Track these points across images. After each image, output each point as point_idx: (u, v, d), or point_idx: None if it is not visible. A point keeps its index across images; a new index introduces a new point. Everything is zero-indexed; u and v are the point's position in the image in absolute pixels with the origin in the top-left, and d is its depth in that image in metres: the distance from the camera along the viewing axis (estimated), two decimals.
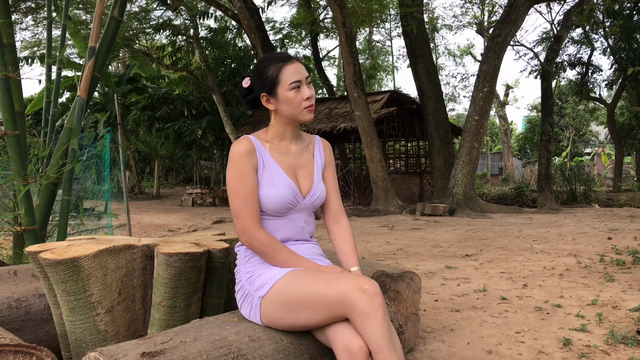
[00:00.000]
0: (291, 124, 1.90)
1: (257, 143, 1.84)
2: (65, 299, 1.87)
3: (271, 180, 1.82)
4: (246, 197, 1.76)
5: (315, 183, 1.93)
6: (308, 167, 1.95)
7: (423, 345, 2.96)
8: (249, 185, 1.77)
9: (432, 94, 13.73)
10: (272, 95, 1.83)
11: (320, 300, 1.57)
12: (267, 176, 1.82)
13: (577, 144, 31.20)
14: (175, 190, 23.19)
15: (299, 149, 1.95)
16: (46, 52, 4.09)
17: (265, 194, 1.80)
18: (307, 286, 1.62)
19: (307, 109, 1.84)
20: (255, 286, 1.75)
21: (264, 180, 1.81)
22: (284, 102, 1.82)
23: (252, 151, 1.80)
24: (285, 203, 1.83)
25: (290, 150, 1.92)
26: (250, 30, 11.91)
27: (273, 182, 1.82)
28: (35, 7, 13.54)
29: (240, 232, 1.77)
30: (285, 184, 1.83)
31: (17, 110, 3.39)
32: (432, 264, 5.39)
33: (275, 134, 1.91)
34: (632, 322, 3.23)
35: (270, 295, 1.69)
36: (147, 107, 17.47)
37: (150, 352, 1.46)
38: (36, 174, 3.40)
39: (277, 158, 1.87)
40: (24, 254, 3.34)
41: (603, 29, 16.69)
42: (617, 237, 6.48)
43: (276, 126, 1.90)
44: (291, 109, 1.83)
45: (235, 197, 1.76)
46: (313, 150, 2.01)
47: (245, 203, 1.76)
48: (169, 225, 10.57)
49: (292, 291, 1.64)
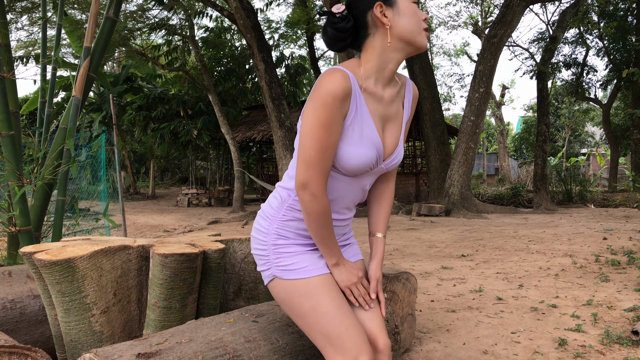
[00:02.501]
0: (402, 52, 1.50)
1: (354, 83, 1.44)
2: (60, 300, 1.86)
3: (360, 137, 1.48)
4: (326, 149, 1.41)
5: (400, 144, 1.59)
6: (396, 121, 1.59)
7: (419, 345, 2.96)
8: (334, 135, 1.42)
9: (428, 94, 13.76)
10: (390, 4, 1.46)
11: (324, 335, 1.45)
12: (357, 130, 1.47)
13: (572, 144, 31.32)
14: (170, 191, 23.14)
15: (392, 95, 1.56)
16: (41, 52, 4.08)
17: (348, 153, 1.47)
18: (322, 316, 1.45)
19: (425, 32, 1.51)
20: (279, 261, 1.52)
21: (350, 134, 1.46)
22: (405, 13, 1.47)
23: (348, 95, 1.42)
24: (366, 167, 1.50)
25: (384, 96, 1.53)
26: (246, 30, 11.89)
27: (362, 139, 1.48)
28: (30, 7, 13.49)
29: (302, 185, 1.43)
30: (373, 144, 1.49)
31: (12, 110, 3.37)
32: (428, 264, 5.40)
33: (373, 69, 1.50)
34: (627, 322, 3.24)
35: (286, 284, 1.50)
36: (143, 107, 17.45)
37: (146, 353, 1.45)
38: (31, 175, 3.39)
39: (370, 106, 1.50)
40: (18, 255, 3.33)
41: (598, 30, 16.75)
42: (612, 238, 6.50)
43: (379, 57, 1.49)
44: (412, 24, 1.47)
45: (314, 145, 1.40)
46: (403, 98, 1.63)
47: (322, 156, 1.41)
48: (164, 225, 10.54)
49: (305, 305, 1.47)
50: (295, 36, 20.20)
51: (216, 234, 2.53)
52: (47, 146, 3.60)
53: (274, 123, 12.24)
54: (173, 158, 25.29)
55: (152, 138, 17.35)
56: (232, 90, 18.03)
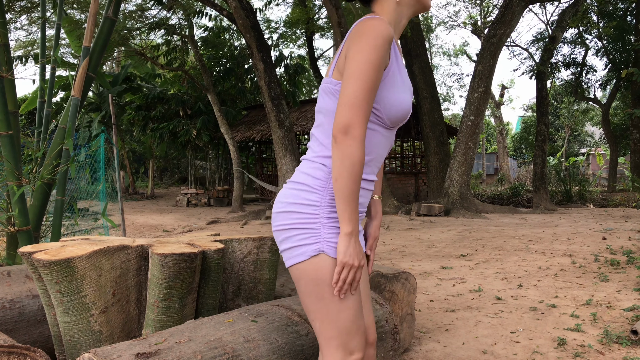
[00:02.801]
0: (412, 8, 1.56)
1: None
2: (59, 299, 1.86)
3: (403, 83, 1.47)
4: (373, 90, 1.36)
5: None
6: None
7: (418, 345, 2.96)
8: (379, 78, 1.38)
9: (427, 94, 13.76)
10: None
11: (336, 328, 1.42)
12: (399, 77, 1.46)
13: (572, 144, 31.34)
14: (170, 191, 23.13)
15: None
16: (40, 52, 4.07)
17: (399, 100, 1.44)
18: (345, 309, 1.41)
19: None
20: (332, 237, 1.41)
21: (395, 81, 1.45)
22: None
23: (391, 40, 1.40)
24: (409, 113, 1.49)
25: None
26: (246, 30, 11.89)
27: (404, 85, 1.47)
28: (29, 7, 13.48)
29: (344, 127, 1.34)
30: (410, 90, 1.49)
31: (11, 110, 3.37)
32: (428, 264, 5.40)
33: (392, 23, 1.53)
34: (627, 322, 3.24)
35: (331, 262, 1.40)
36: (142, 107, 17.43)
37: (145, 353, 1.45)
38: (30, 174, 3.39)
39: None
40: (17, 255, 3.32)
41: (597, 30, 16.77)
42: (611, 237, 6.50)
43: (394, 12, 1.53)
44: None
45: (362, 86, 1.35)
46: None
47: (369, 97, 1.36)
48: (163, 225, 10.54)
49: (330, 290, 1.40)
50: (295, 36, 20.21)
51: (215, 234, 2.53)
52: (46, 146, 3.60)
53: (273, 123, 12.23)
54: (172, 158, 25.27)
55: (151, 138, 17.34)
56: (231, 90, 18.03)
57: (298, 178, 1.50)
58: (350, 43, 1.39)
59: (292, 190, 1.48)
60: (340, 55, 1.44)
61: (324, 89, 1.48)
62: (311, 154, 1.52)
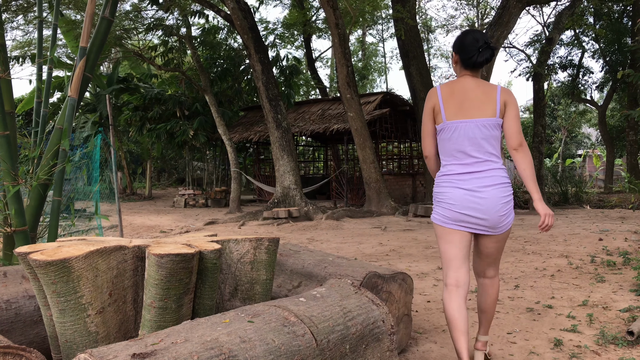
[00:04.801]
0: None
1: None
2: (56, 300, 1.86)
3: None
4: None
5: None
6: None
7: (415, 346, 2.96)
8: None
9: (424, 96, 13.76)
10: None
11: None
12: None
13: (568, 145, 31.39)
14: (167, 191, 23.10)
15: None
16: (37, 52, 4.06)
17: None
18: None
19: None
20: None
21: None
22: None
23: None
24: None
25: None
26: (243, 31, 11.89)
27: None
28: (26, 7, 13.44)
29: (523, 142, 2.44)
30: None
31: (8, 110, 3.36)
32: (425, 265, 5.40)
33: None
34: (623, 323, 3.25)
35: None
36: (139, 108, 17.40)
37: (141, 354, 1.45)
38: (26, 175, 3.38)
39: None
40: (13, 255, 3.32)
41: (593, 31, 16.82)
42: (608, 238, 6.52)
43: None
44: None
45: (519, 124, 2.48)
46: None
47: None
48: (161, 226, 10.52)
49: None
50: (293, 37, 20.21)
51: (212, 235, 2.53)
52: (43, 146, 3.59)
53: (271, 124, 12.23)
54: (170, 159, 25.24)
55: (148, 138, 17.31)
56: (228, 91, 18.01)
57: (494, 177, 2.43)
58: (508, 98, 2.46)
59: (500, 184, 2.42)
60: (500, 102, 2.44)
61: (491, 123, 2.43)
62: (493, 164, 2.45)
